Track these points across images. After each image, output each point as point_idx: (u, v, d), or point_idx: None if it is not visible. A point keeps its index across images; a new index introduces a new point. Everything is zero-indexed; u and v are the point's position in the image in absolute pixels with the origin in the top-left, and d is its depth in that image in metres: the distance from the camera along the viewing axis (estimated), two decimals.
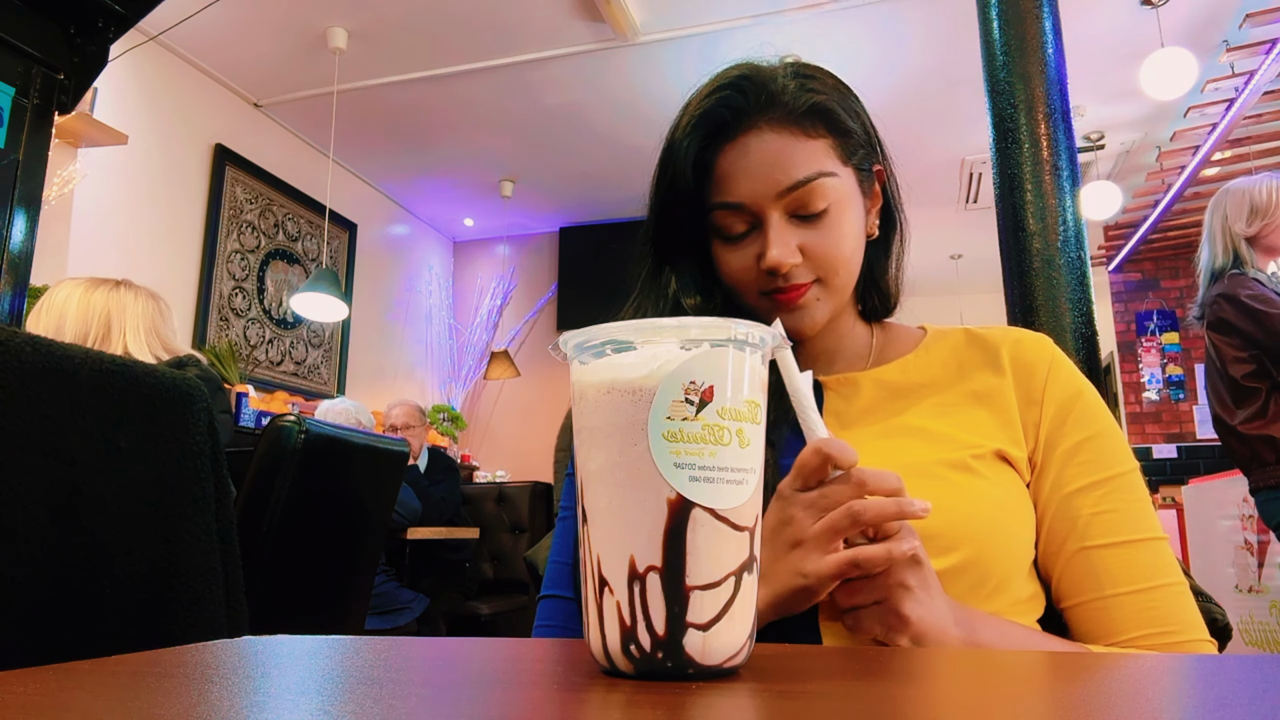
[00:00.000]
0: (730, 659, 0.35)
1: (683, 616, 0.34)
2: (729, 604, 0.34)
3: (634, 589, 0.34)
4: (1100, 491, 0.64)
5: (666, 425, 0.34)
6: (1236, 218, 2.14)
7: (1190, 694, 0.33)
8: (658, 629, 0.34)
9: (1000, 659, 0.42)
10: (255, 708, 0.29)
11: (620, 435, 0.35)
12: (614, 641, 0.35)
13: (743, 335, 0.36)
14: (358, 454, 1.78)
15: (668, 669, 0.34)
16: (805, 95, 0.66)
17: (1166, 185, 4.84)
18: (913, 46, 3.76)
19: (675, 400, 0.34)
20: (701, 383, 0.34)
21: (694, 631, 0.34)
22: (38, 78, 1.92)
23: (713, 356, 0.35)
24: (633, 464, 0.34)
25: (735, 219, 0.67)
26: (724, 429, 0.34)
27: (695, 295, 0.73)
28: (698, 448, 0.34)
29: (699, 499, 0.34)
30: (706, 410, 0.34)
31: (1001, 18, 1.75)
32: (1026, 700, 0.33)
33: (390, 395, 5.09)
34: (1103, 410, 0.68)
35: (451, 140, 4.74)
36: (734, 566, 0.35)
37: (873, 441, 0.66)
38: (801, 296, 0.67)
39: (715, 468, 0.34)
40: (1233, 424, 2.09)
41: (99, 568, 0.78)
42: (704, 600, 0.34)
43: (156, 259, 3.70)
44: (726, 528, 0.35)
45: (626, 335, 0.36)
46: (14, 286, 1.90)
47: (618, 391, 0.35)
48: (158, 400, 0.86)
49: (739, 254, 0.68)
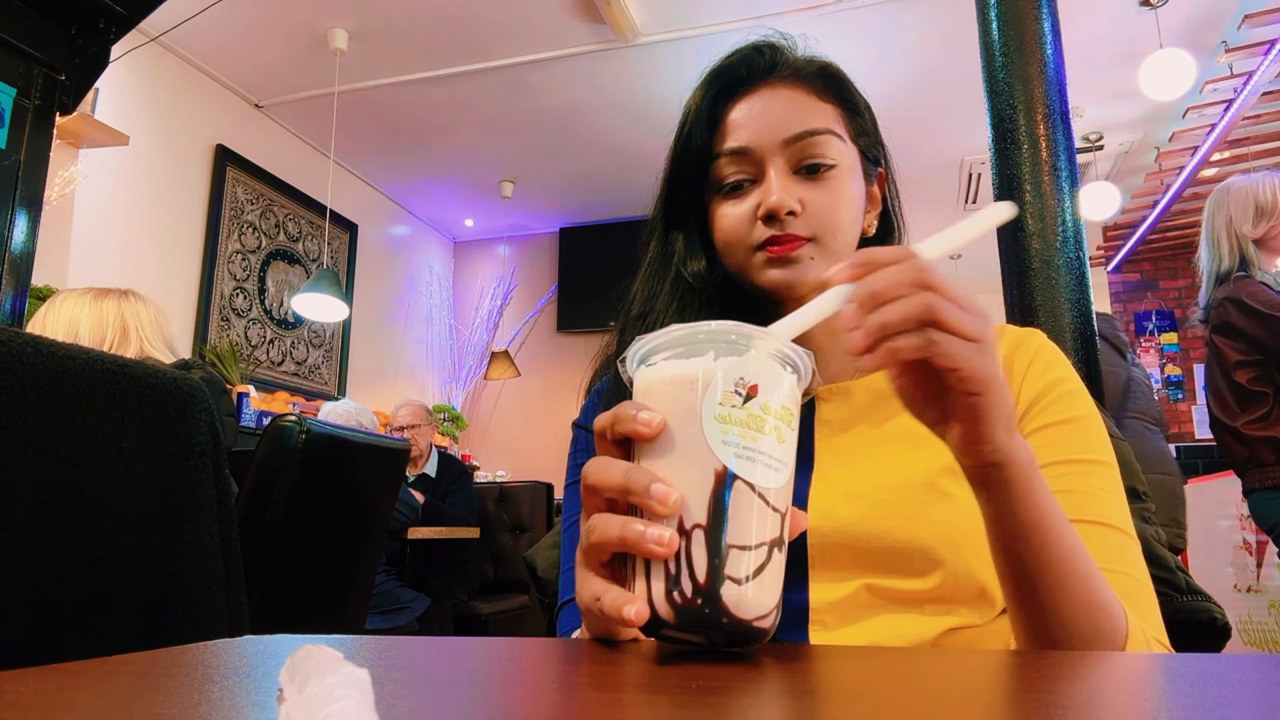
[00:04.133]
0: (760, 619, 0.39)
1: (721, 569, 0.38)
2: (761, 567, 0.39)
3: (681, 543, 0.39)
4: (1062, 470, 0.60)
5: (718, 409, 0.40)
6: (1242, 219, 2.11)
7: (1190, 694, 0.33)
8: (699, 577, 0.38)
9: (997, 658, 0.42)
10: (255, 708, 0.29)
11: (678, 418, 0.41)
12: (659, 590, 0.39)
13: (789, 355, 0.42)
14: (359, 454, 1.78)
15: (705, 615, 0.38)
16: (821, 62, 0.70)
17: (1165, 186, 4.84)
18: (912, 47, 3.76)
19: (727, 390, 0.40)
20: (749, 380, 0.40)
21: (730, 584, 0.38)
22: (39, 78, 1.92)
23: (760, 361, 0.41)
24: (687, 441, 0.40)
25: (738, 167, 0.67)
26: (764, 420, 0.40)
27: (701, 260, 0.72)
28: (741, 430, 0.40)
29: (741, 472, 0.39)
30: (751, 403, 0.40)
31: (1001, 18, 1.75)
32: (1026, 700, 0.33)
33: (391, 395, 5.09)
34: (1085, 402, 0.65)
35: (452, 141, 4.74)
36: (767, 538, 0.40)
37: (866, 449, 0.65)
38: (795, 249, 0.65)
39: (756, 450, 0.40)
40: (1233, 425, 2.08)
41: (99, 568, 0.78)
42: (741, 558, 0.39)
43: (158, 259, 3.70)
44: (761, 502, 0.40)
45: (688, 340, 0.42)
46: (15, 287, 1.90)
47: (679, 382, 0.41)
48: (159, 401, 0.86)
49: (737, 206, 0.68)
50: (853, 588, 0.59)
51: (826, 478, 0.64)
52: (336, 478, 1.71)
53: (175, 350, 1.94)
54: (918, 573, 0.58)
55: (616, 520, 0.41)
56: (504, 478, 5.05)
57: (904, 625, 0.58)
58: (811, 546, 0.60)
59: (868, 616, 0.59)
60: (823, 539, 0.60)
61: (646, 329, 0.71)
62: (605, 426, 0.43)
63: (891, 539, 0.58)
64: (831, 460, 0.65)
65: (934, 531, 0.58)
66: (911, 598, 0.58)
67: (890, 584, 0.59)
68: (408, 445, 2.08)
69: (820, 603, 0.59)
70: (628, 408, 0.41)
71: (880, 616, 0.59)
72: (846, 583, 0.59)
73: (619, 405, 0.42)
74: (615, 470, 0.41)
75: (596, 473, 0.42)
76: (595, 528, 0.41)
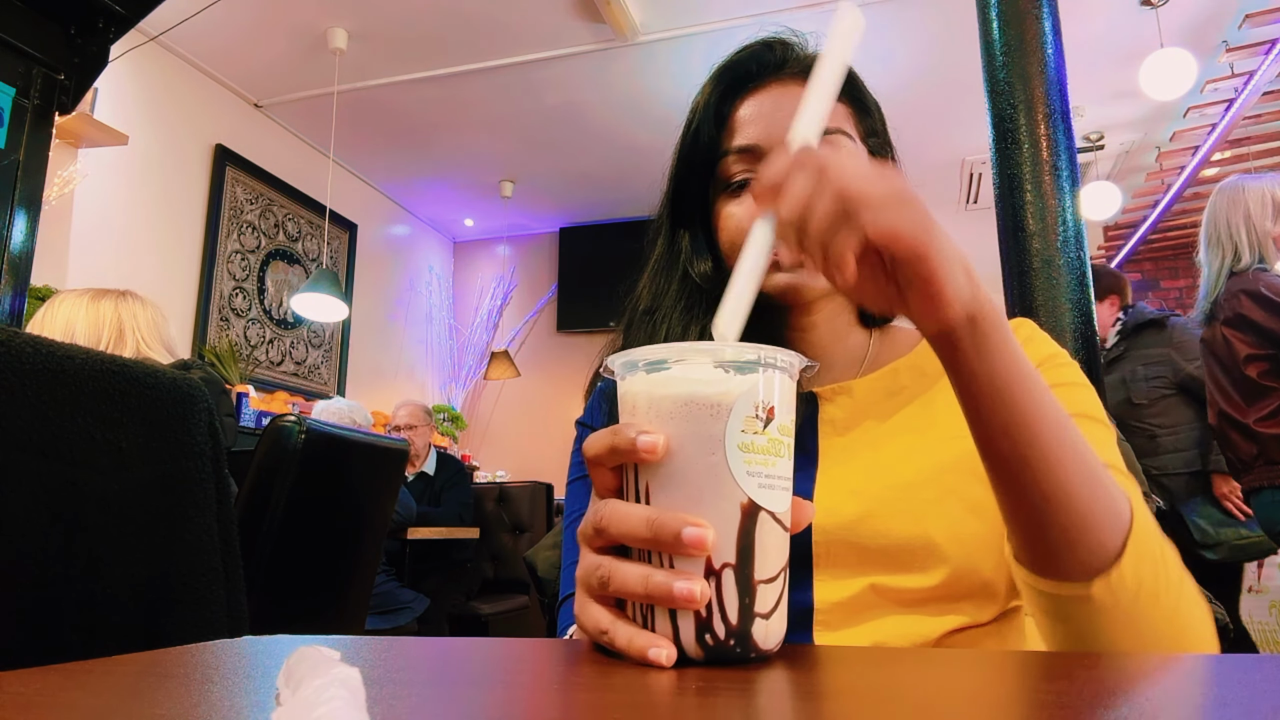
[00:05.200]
0: (780, 643, 0.39)
1: (752, 608, 0.37)
2: (781, 595, 0.39)
3: (711, 584, 0.37)
4: None
5: (741, 438, 0.37)
6: (1262, 216, 2.10)
7: (1190, 694, 0.33)
8: (731, 619, 0.37)
9: (1000, 659, 0.42)
10: (255, 708, 0.29)
11: (698, 444, 0.38)
12: (688, 632, 0.37)
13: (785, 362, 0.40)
14: (358, 454, 1.78)
15: (736, 654, 0.37)
16: None
17: (1166, 186, 4.84)
18: (913, 46, 3.76)
19: (749, 416, 0.38)
20: (766, 402, 0.38)
21: (759, 620, 0.38)
22: (38, 78, 1.92)
23: (773, 379, 0.39)
24: (710, 472, 0.38)
25: (746, 165, 0.65)
26: (781, 443, 0.39)
27: (707, 260, 0.70)
28: (764, 458, 0.38)
29: (765, 503, 0.38)
30: (771, 426, 0.38)
31: (1001, 18, 1.75)
32: (1025, 699, 0.33)
33: (390, 395, 5.09)
34: (1081, 375, 0.64)
35: (451, 140, 4.74)
36: (784, 563, 0.39)
37: (870, 447, 0.65)
38: None
39: (776, 476, 0.38)
40: (1242, 420, 2.06)
41: (99, 568, 0.78)
42: (766, 592, 0.38)
43: (157, 259, 3.70)
44: (779, 528, 0.39)
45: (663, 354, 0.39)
46: (14, 287, 1.90)
47: (696, 404, 0.38)
48: (159, 400, 0.86)
49: (743, 205, 0.66)
50: (857, 587, 0.59)
51: (830, 476, 0.63)
52: (336, 478, 1.71)
53: (174, 351, 1.94)
54: (922, 570, 0.58)
55: (636, 572, 0.38)
56: (504, 478, 5.05)
57: (908, 625, 0.58)
58: (816, 545, 0.60)
59: (872, 617, 0.59)
60: (827, 536, 0.60)
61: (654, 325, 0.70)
62: (600, 452, 0.39)
63: (896, 536, 0.58)
64: (835, 459, 0.65)
65: (939, 527, 0.58)
66: (916, 597, 0.58)
67: (894, 582, 0.58)
68: (407, 445, 2.08)
69: (824, 603, 0.59)
70: (626, 431, 0.38)
71: (884, 617, 0.58)
72: (850, 581, 0.59)
73: (613, 429, 0.39)
74: (636, 519, 0.38)
75: (617, 523, 0.38)
76: (612, 578, 0.38)
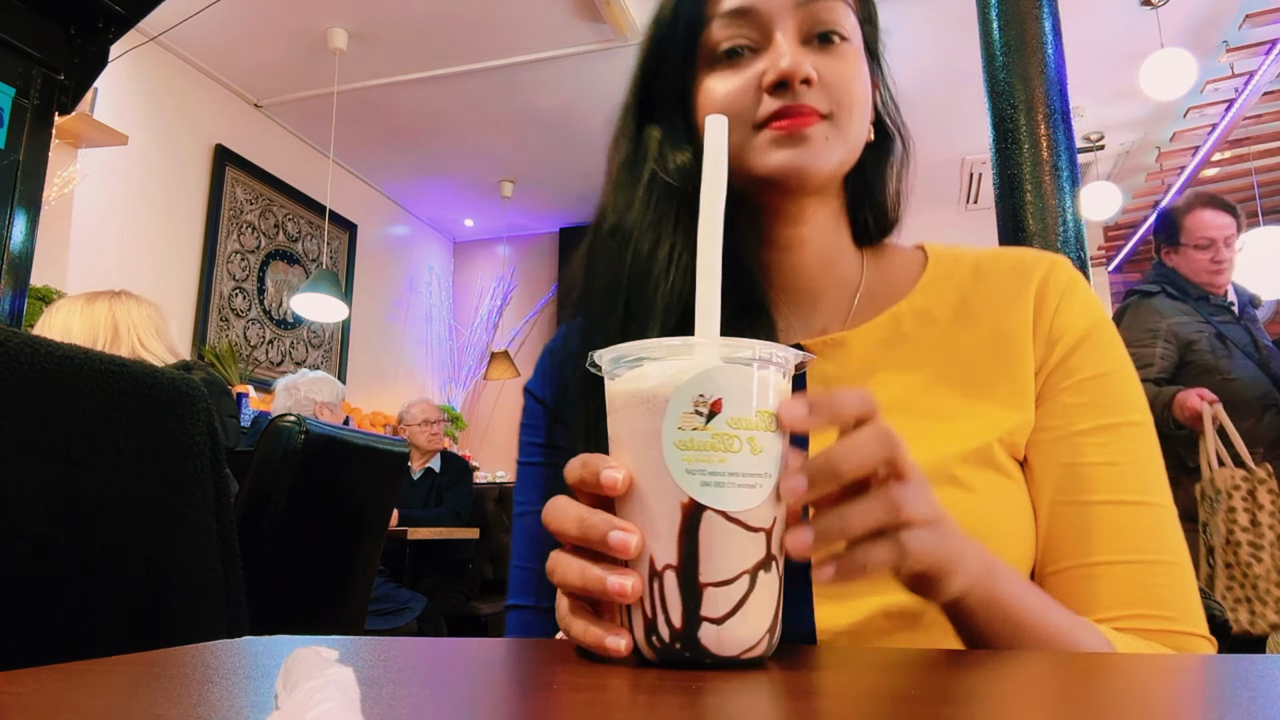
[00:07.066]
0: (747, 651, 0.37)
1: (697, 611, 0.36)
2: (743, 600, 0.36)
3: (654, 585, 0.37)
4: (1107, 438, 0.55)
5: (678, 435, 0.36)
6: None
7: (1190, 694, 0.33)
8: (675, 622, 0.36)
9: (1000, 659, 0.42)
10: (255, 708, 0.29)
11: (638, 442, 0.37)
12: (639, 632, 0.37)
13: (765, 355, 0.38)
14: (357, 454, 1.78)
15: (685, 658, 0.36)
16: None
17: (1166, 186, 4.84)
18: (912, 46, 3.76)
19: (685, 412, 0.36)
20: (710, 396, 0.36)
21: (708, 625, 0.36)
22: (38, 78, 1.92)
23: (720, 372, 0.36)
24: (650, 470, 0.37)
25: (737, 30, 0.58)
26: (734, 437, 0.36)
27: (685, 151, 0.61)
28: (708, 455, 0.36)
29: (710, 502, 0.36)
30: (715, 420, 0.36)
31: (1001, 18, 1.75)
32: (1027, 701, 0.33)
33: (390, 395, 5.09)
34: (1118, 347, 0.59)
35: (451, 140, 4.74)
36: (748, 565, 0.37)
37: None
38: (810, 125, 0.55)
39: (726, 473, 0.36)
40: None
41: (99, 568, 0.78)
42: (717, 596, 0.36)
43: (157, 259, 3.70)
44: (739, 529, 0.36)
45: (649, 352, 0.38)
46: (14, 287, 1.90)
47: (636, 400, 0.37)
48: (158, 400, 0.86)
49: (736, 76, 0.57)
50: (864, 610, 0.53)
51: None
52: (335, 478, 1.71)
53: (174, 350, 1.94)
54: None
55: (575, 565, 0.38)
56: (504, 478, 5.05)
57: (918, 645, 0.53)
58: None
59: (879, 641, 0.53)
60: None
61: (621, 247, 0.62)
62: (573, 483, 0.39)
63: None
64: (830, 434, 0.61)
65: None
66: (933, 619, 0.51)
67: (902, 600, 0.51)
68: (407, 446, 2.08)
69: (827, 630, 0.53)
70: (594, 463, 0.38)
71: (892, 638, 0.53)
72: (856, 603, 0.53)
73: (583, 460, 0.39)
74: (569, 517, 0.38)
75: (555, 519, 0.39)
76: (555, 569, 0.39)
